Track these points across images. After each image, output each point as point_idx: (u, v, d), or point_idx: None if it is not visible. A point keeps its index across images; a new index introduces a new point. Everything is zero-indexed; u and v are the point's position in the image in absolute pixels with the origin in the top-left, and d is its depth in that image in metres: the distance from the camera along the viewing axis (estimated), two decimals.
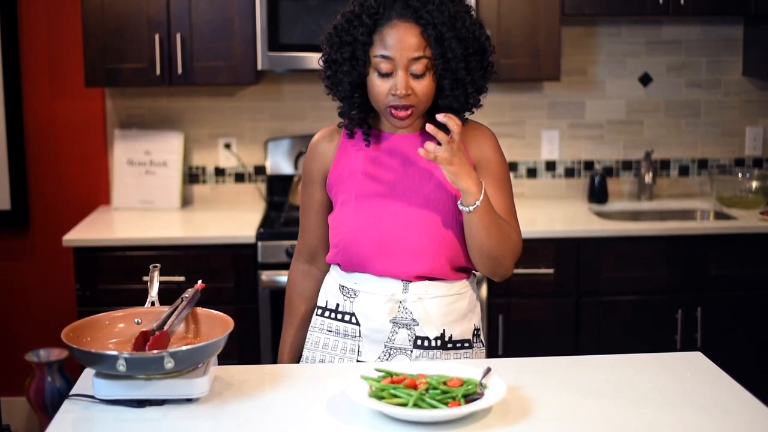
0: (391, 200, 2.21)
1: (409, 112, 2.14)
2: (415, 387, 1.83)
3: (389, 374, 1.89)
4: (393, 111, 2.14)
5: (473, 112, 2.26)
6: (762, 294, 3.93)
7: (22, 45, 4.23)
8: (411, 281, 2.21)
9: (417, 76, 2.13)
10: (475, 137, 2.26)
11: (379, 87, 2.14)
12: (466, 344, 2.27)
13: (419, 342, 2.22)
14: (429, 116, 2.25)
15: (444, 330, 2.23)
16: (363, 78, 2.18)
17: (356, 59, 2.16)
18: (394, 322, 2.22)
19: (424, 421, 1.78)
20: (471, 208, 2.11)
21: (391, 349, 2.22)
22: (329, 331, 2.29)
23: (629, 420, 1.83)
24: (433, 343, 2.22)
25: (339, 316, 2.28)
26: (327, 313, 2.31)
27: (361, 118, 2.24)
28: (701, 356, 2.18)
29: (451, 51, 2.12)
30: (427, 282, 2.21)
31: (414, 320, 2.21)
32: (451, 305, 2.24)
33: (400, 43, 2.11)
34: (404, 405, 1.79)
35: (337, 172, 2.27)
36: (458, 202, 2.14)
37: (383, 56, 2.12)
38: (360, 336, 2.24)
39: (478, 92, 2.21)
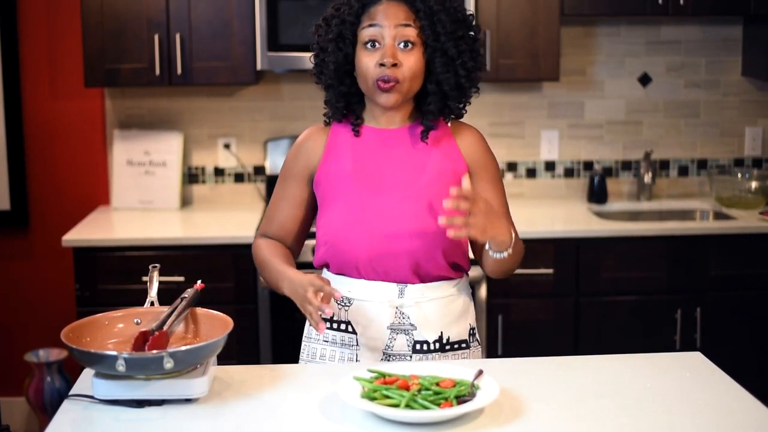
0: (382, 197, 2.16)
1: (394, 84, 2.10)
2: (407, 388, 1.83)
3: (382, 375, 1.89)
4: (380, 84, 2.11)
5: (466, 111, 2.23)
6: (762, 294, 3.93)
7: (22, 45, 4.23)
8: (407, 285, 2.18)
9: (405, 47, 2.11)
10: (466, 139, 2.24)
11: (367, 61, 2.12)
12: (464, 345, 2.25)
13: (418, 346, 2.20)
14: (417, 111, 2.21)
15: (441, 332, 2.21)
16: (349, 60, 2.16)
17: (342, 39, 2.14)
18: (391, 329, 2.19)
19: (416, 422, 1.78)
20: (504, 254, 2.11)
21: (389, 356, 2.20)
22: (326, 341, 2.25)
23: (628, 420, 1.83)
24: (431, 347, 2.20)
25: (335, 326, 2.22)
26: None
27: (348, 108, 2.22)
28: (701, 356, 2.18)
29: (440, 24, 2.11)
30: (422, 285, 2.18)
31: (412, 325, 2.19)
32: (448, 306, 2.22)
33: (387, 13, 2.12)
34: (396, 406, 1.78)
35: (324, 169, 2.22)
36: (487, 249, 2.12)
37: (370, 25, 2.12)
38: (357, 344, 2.21)
39: (470, 81, 2.17)
